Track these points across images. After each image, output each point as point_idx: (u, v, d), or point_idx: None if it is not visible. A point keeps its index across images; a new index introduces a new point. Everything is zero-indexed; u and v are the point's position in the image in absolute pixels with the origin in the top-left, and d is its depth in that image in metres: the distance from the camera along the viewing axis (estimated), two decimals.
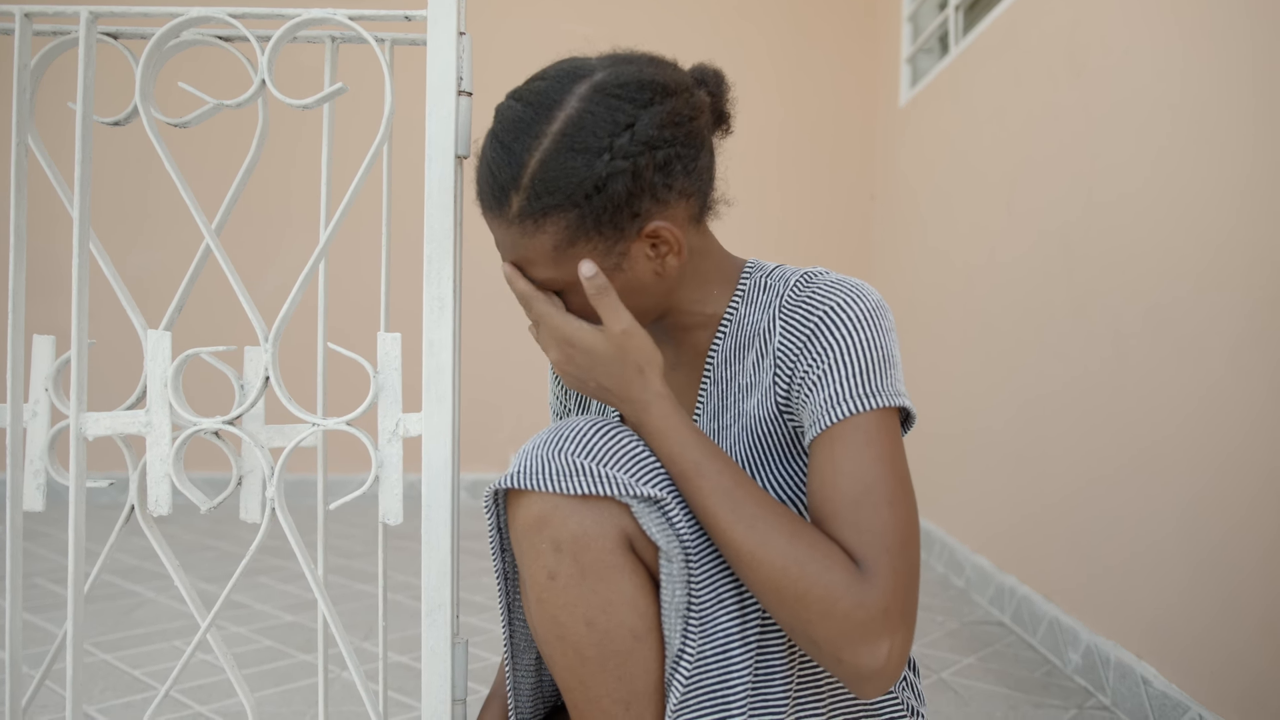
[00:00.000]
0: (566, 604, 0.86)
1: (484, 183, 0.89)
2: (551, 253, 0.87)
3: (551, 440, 0.88)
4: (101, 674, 1.86)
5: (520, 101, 0.88)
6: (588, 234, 0.86)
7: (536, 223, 0.86)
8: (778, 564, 0.82)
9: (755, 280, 0.99)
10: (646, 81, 0.87)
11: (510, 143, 0.86)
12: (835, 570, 0.81)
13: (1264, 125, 1.40)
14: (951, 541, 2.76)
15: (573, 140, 0.84)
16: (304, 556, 0.92)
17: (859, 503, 0.84)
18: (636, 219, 0.86)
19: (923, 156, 3.28)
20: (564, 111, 0.85)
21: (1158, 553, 1.64)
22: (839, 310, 0.90)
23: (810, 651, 0.83)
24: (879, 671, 0.80)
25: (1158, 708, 1.59)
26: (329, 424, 0.92)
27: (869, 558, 0.82)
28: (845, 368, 0.88)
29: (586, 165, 0.84)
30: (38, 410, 0.95)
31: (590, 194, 0.84)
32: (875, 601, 0.80)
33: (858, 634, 0.80)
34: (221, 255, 0.91)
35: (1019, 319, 2.32)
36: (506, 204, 0.87)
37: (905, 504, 0.85)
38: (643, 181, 0.85)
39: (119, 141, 3.92)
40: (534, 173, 0.85)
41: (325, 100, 0.92)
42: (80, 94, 0.89)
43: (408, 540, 3.10)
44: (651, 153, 0.85)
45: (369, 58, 3.58)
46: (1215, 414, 1.49)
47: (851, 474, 0.85)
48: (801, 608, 0.81)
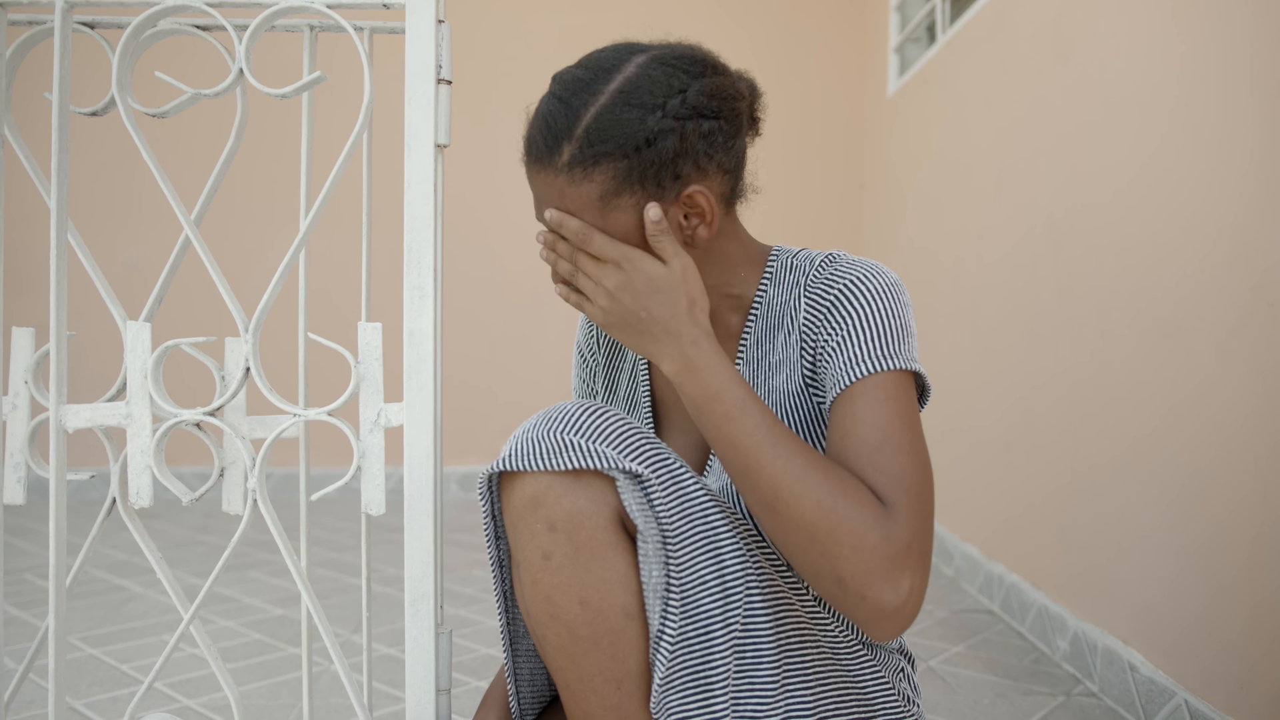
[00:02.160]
0: (561, 584, 0.87)
1: (537, 133, 0.92)
2: (597, 202, 0.91)
3: (541, 422, 0.90)
4: (89, 668, 1.85)
5: (580, 67, 0.93)
6: (632, 186, 0.90)
7: (586, 171, 0.90)
8: (813, 498, 0.84)
9: (782, 262, 1.03)
10: (699, 58, 0.93)
11: (568, 98, 0.90)
12: (866, 505, 0.84)
13: (1253, 115, 1.40)
14: (941, 530, 2.76)
15: (629, 96, 0.89)
16: (286, 547, 0.91)
17: (879, 449, 0.87)
18: (677, 181, 0.91)
19: (911, 146, 3.28)
20: (623, 74, 0.90)
21: (1145, 541, 1.65)
22: (859, 283, 0.95)
23: (833, 592, 0.84)
24: (899, 608, 0.82)
25: (1144, 694, 1.59)
26: (310, 414, 0.91)
27: (891, 497, 0.85)
28: (864, 333, 0.92)
29: (640, 119, 0.88)
30: (17, 403, 0.94)
31: (641, 147, 0.88)
32: (900, 536, 0.83)
33: (884, 568, 0.82)
34: (200, 245, 0.90)
35: (1008, 308, 2.33)
36: (558, 152, 0.90)
37: (921, 454, 0.88)
38: (688, 145, 0.90)
39: (103, 134, 3.90)
40: (589, 123, 0.89)
41: (304, 89, 0.91)
42: (56, 84, 0.89)
43: (394, 533, 3.10)
44: (699, 120, 0.90)
45: (349, 47, 3.57)
46: (1203, 404, 1.49)
47: (871, 423, 0.88)
48: (833, 542, 0.82)
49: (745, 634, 0.93)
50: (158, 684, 1.75)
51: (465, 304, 3.95)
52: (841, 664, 0.99)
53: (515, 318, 4.03)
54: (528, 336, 4.03)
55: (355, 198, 3.57)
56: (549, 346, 3.98)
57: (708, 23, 4.02)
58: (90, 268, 0.94)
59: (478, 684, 1.78)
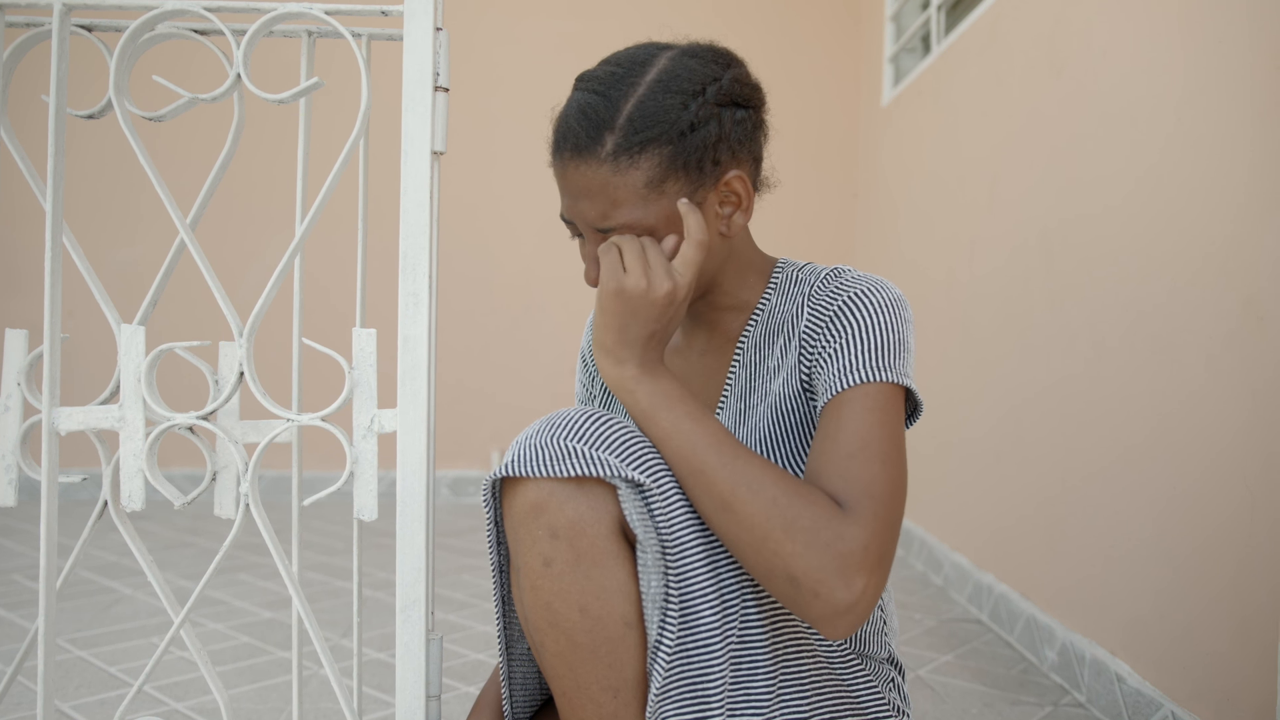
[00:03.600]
0: (561, 591, 0.87)
1: (574, 125, 0.93)
2: (643, 189, 0.92)
3: (544, 427, 0.90)
4: (77, 670, 1.85)
5: (609, 64, 0.95)
6: (676, 173, 0.92)
7: (632, 158, 0.91)
8: (768, 495, 0.84)
9: (788, 274, 1.05)
10: (723, 51, 0.97)
11: (606, 90, 0.92)
12: (821, 505, 0.84)
13: (1247, 129, 1.41)
14: (930, 539, 2.77)
15: (669, 85, 0.91)
16: (278, 551, 0.91)
17: (853, 455, 0.88)
18: (717, 167, 0.93)
19: (905, 156, 3.29)
20: (656, 66, 0.93)
21: (1134, 553, 1.66)
22: (862, 295, 0.96)
23: (786, 591, 0.84)
24: (852, 606, 0.82)
25: (1131, 705, 1.60)
26: (304, 419, 0.91)
27: (853, 500, 0.85)
28: (860, 343, 0.93)
29: (682, 105, 0.91)
30: (10, 405, 0.94)
31: (685, 132, 0.91)
32: (856, 536, 0.83)
33: (838, 565, 0.82)
34: (195, 249, 0.90)
35: (1000, 319, 2.34)
36: (600, 142, 0.91)
37: (896, 465, 0.88)
38: (725, 131, 0.92)
39: (100, 137, 3.89)
40: (631, 112, 0.91)
41: (301, 95, 0.92)
42: (53, 87, 0.89)
43: (387, 538, 3.09)
44: (734, 108, 0.93)
45: (347, 53, 3.57)
46: (1193, 417, 1.50)
47: (851, 430, 0.89)
48: (787, 539, 0.83)
49: (741, 645, 0.93)
50: (146, 687, 1.75)
51: (459, 307, 3.95)
52: (836, 674, 1.00)
53: (509, 321, 4.03)
54: (522, 340, 4.04)
55: (351, 202, 3.57)
56: (543, 349, 3.99)
57: (703, 29, 3.99)
58: (85, 270, 0.94)
59: (468, 689, 1.78)
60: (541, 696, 1.07)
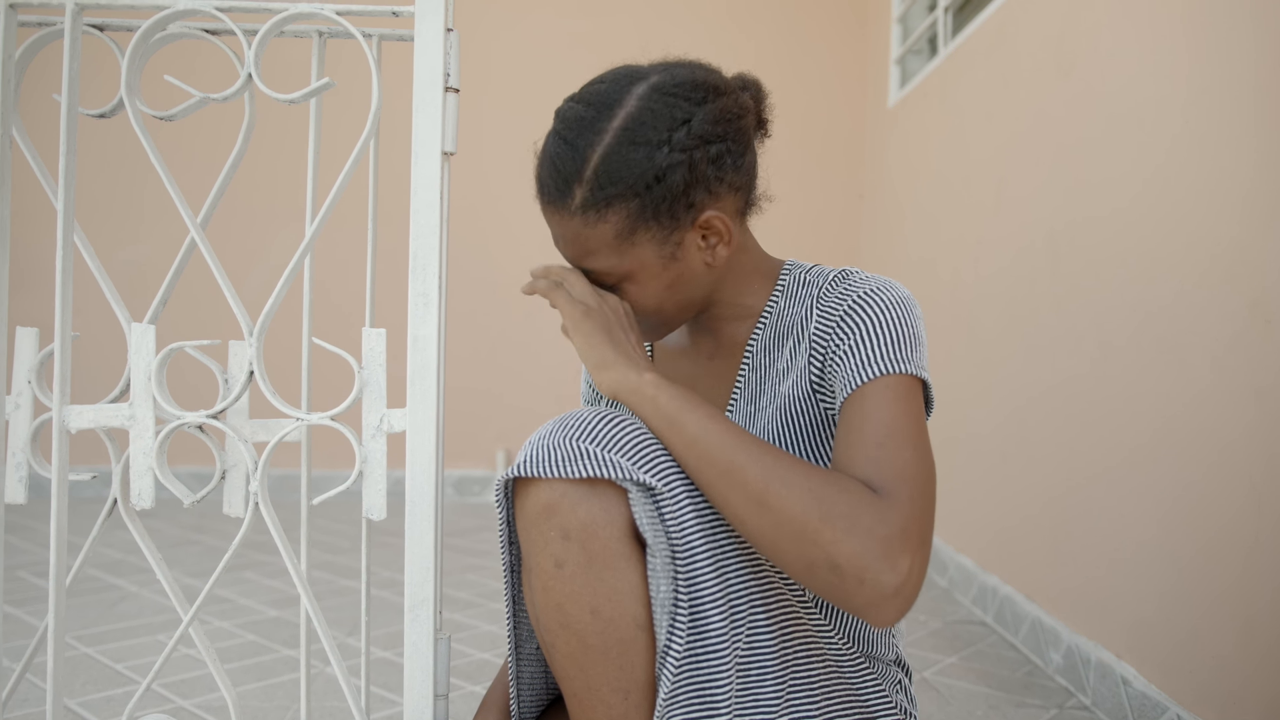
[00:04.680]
0: (572, 593, 0.87)
1: (547, 177, 0.94)
2: (613, 241, 0.92)
3: (557, 429, 0.90)
4: (83, 667, 1.85)
5: (581, 103, 0.93)
6: (647, 223, 0.91)
7: (599, 212, 0.91)
8: (804, 486, 0.84)
9: (795, 276, 1.04)
10: (699, 82, 0.93)
11: (573, 139, 0.91)
12: (856, 492, 0.84)
13: (1254, 132, 1.41)
14: (935, 541, 2.77)
15: (634, 134, 0.90)
16: (287, 550, 0.91)
17: (882, 444, 0.87)
18: (691, 209, 0.92)
19: (911, 157, 3.29)
20: (624, 109, 0.91)
21: (1140, 555, 1.65)
22: (872, 294, 0.96)
23: (829, 581, 0.82)
24: (899, 589, 0.81)
25: (1137, 708, 1.60)
26: (313, 419, 0.91)
27: (888, 485, 0.85)
28: (875, 339, 0.93)
29: (647, 157, 0.89)
30: (20, 403, 0.95)
31: (651, 184, 0.90)
32: (896, 519, 0.83)
33: (881, 549, 0.81)
34: (206, 248, 0.90)
35: (1005, 320, 2.33)
36: (570, 196, 0.92)
37: (925, 451, 0.89)
38: (698, 174, 0.91)
39: (107, 136, 3.90)
40: (597, 165, 0.90)
41: (312, 95, 0.92)
42: (65, 86, 0.89)
43: (393, 537, 3.10)
44: (706, 147, 0.91)
45: (357, 53, 3.58)
46: (1199, 418, 1.50)
47: (876, 420, 0.89)
48: (827, 527, 0.82)
49: (749, 650, 0.93)
50: (152, 684, 1.75)
51: (464, 308, 3.95)
52: (844, 677, 1.00)
53: (513, 322, 4.04)
54: (526, 341, 4.04)
55: (359, 202, 3.57)
56: (547, 351, 3.99)
57: (712, 30, 4.03)
58: (95, 269, 0.95)
59: (473, 689, 1.79)
60: (548, 697, 1.07)
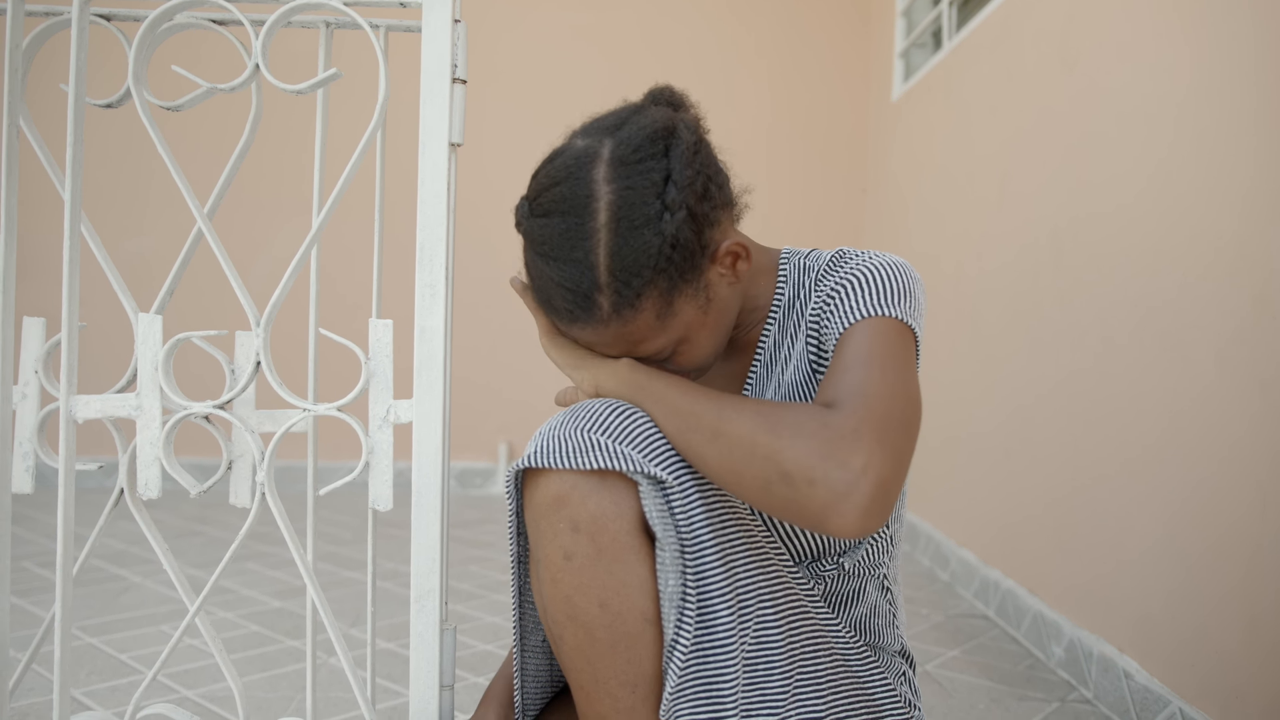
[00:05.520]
0: (581, 585, 0.87)
1: (562, 302, 0.91)
2: (656, 322, 0.90)
3: (568, 420, 0.90)
4: (88, 658, 1.86)
5: (550, 215, 0.90)
6: (679, 289, 0.90)
7: (634, 306, 0.89)
8: (752, 409, 0.85)
9: (794, 264, 1.04)
10: (651, 133, 0.90)
11: (569, 254, 0.88)
12: (806, 409, 0.84)
13: (1258, 123, 1.41)
14: (937, 535, 2.77)
15: (629, 220, 0.87)
16: (293, 540, 0.92)
17: (849, 369, 0.87)
18: (706, 250, 0.91)
19: (915, 152, 3.28)
20: (601, 201, 0.87)
21: (1144, 550, 1.66)
22: (865, 263, 0.96)
23: (784, 494, 0.80)
24: (852, 486, 0.77)
25: (1139, 702, 1.60)
26: (320, 409, 0.92)
27: (841, 399, 0.84)
28: (864, 288, 0.93)
29: (656, 233, 0.87)
30: (27, 392, 0.95)
31: (669, 255, 0.87)
32: (844, 422, 0.81)
33: (825, 448, 0.79)
34: (213, 238, 0.90)
35: (1009, 315, 2.33)
36: (597, 307, 0.89)
37: (896, 373, 0.87)
38: (699, 217, 0.89)
39: (114, 126, 3.90)
40: (610, 266, 0.87)
41: (319, 85, 0.92)
42: (73, 76, 0.89)
43: (396, 529, 3.10)
44: (693, 189, 0.89)
45: (364, 45, 3.57)
46: (1204, 414, 1.50)
47: (851, 352, 0.89)
48: (773, 438, 0.81)
49: (756, 645, 0.93)
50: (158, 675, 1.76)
51: (466, 300, 3.95)
52: (851, 670, 1.00)
53: (515, 315, 4.03)
54: (528, 334, 4.03)
55: (366, 193, 3.57)
56: None
57: (714, 24, 4.02)
58: (102, 259, 0.95)
59: (476, 680, 1.79)
60: (552, 689, 1.07)
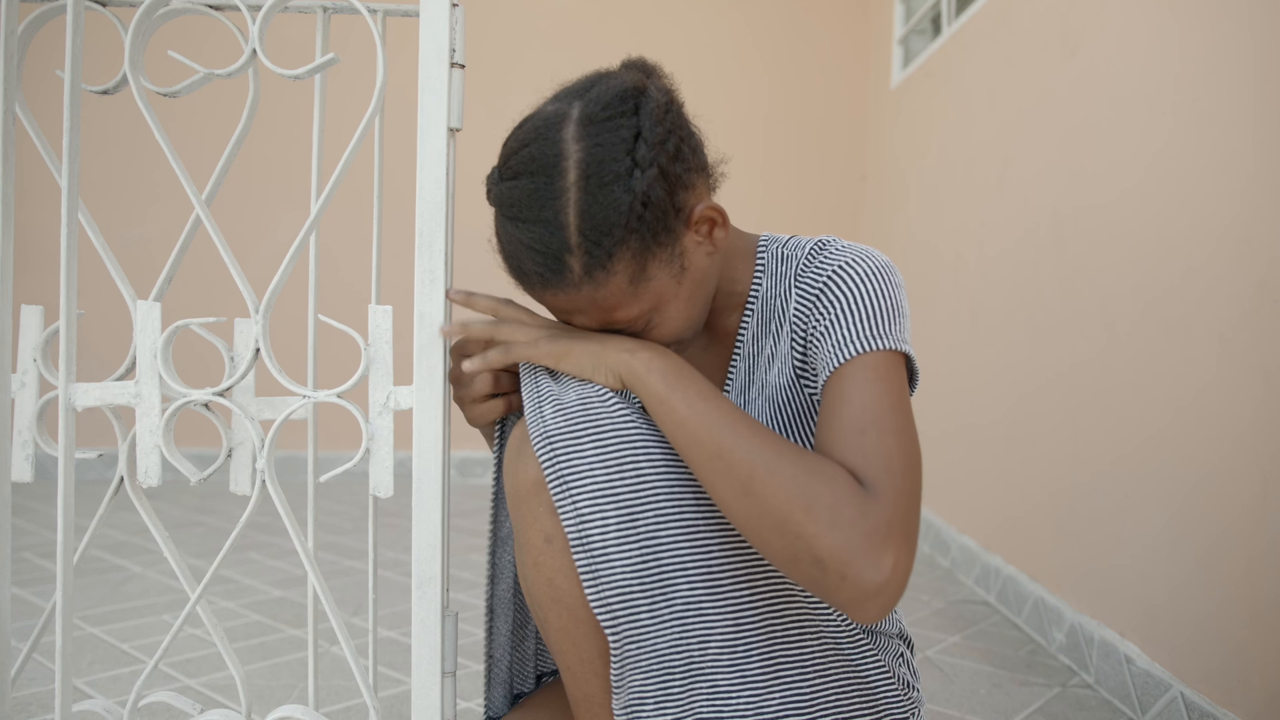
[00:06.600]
0: (562, 567, 0.87)
1: (531, 265, 0.88)
2: (629, 287, 0.87)
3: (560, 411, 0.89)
4: (89, 647, 1.86)
5: (519, 177, 0.87)
6: (652, 251, 0.86)
7: (606, 268, 0.86)
8: (788, 474, 0.81)
9: (772, 252, 1.01)
10: (620, 91, 0.87)
11: (538, 215, 0.85)
12: (842, 483, 0.81)
13: (1260, 109, 1.40)
14: (938, 521, 2.77)
15: (599, 176, 0.84)
16: (294, 527, 0.92)
17: (864, 431, 0.84)
18: (680, 214, 0.88)
19: (914, 139, 3.27)
20: (570, 159, 0.84)
21: (1145, 535, 1.66)
22: (848, 267, 0.93)
23: (812, 574, 0.80)
24: (883, 586, 0.78)
25: (1140, 686, 1.60)
26: (320, 396, 0.91)
27: (872, 476, 0.82)
28: (854, 314, 0.90)
29: (625, 189, 0.84)
30: (26, 381, 0.95)
31: (640, 213, 0.84)
32: (880, 513, 0.80)
33: (864, 545, 0.78)
34: (211, 225, 0.90)
35: (1010, 303, 2.33)
36: (568, 270, 0.86)
37: (909, 435, 0.86)
38: (671, 177, 0.86)
39: (106, 112, 3.89)
40: (580, 225, 0.84)
41: (317, 71, 0.91)
42: (68, 61, 0.88)
43: (397, 518, 3.10)
44: (664, 148, 0.86)
45: (362, 30, 3.56)
46: (1207, 400, 1.50)
47: (859, 404, 0.86)
48: (810, 520, 0.79)
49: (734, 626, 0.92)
50: (160, 664, 1.76)
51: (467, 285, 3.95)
52: (841, 652, 0.99)
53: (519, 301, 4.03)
54: None
55: (366, 180, 3.56)
56: None
57: (711, 11, 4.01)
58: (100, 246, 0.94)
59: (478, 668, 1.79)
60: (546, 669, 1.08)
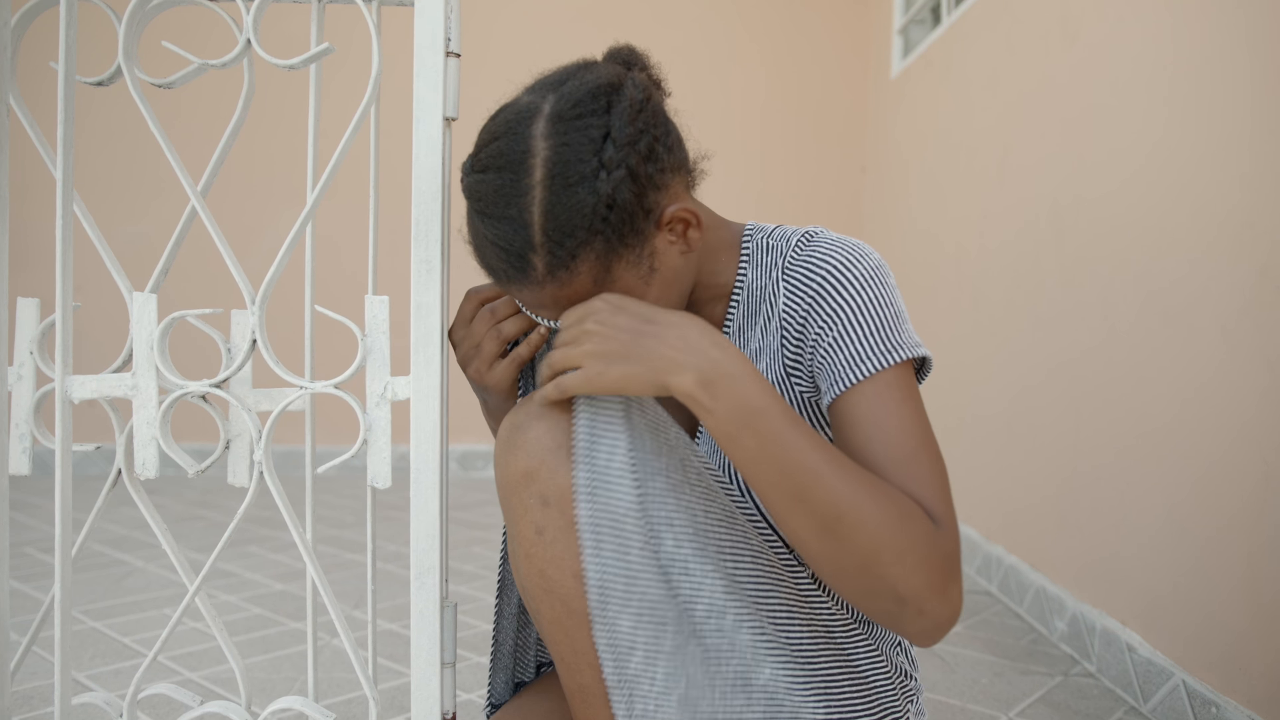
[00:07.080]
0: (554, 558, 0.87)
1: (496, 260, 0.87)
2: (593, 288, 0.87)
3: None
4: (90, 641, 1.86)
5: (487, 171, 0.86)
6: (617, 252, 0.86)
7: (569, 268, 0.85)
8: (876, 517, 0.80)
9: (757, 242, 0.99)
10: (593, 88, 0.86)
11: (503, 211, 0.85)
12: (921, 522, 0.82)
13: (1261, 97, 1.39)
14: None
15: (564, 176, 0.83)
16: (292, 519, 0.91)
17: (913, 458, 0.85)
18: (650, 215, 0.86)
19: (914, 129, 3.27)
20: (538, 157, 0.84)
21: (1147, 525, 1.65)
22: (842, 271, 0.91)
23: (889, 609, 0.81)
24: (951, 617, 0.82)
25: (1142, 674, 1.60)
26: (317, 387, 0.91)
27: (937, 509, 0.84)
28: (861, 327, 0.89)
29: (590, 191, 0.83)
30: (23, 373, 0.94)
31: (605, 215, 0.83)
32: (946, 545, 0.82)
33: (939, 580, 0.81)
34: (207, 216, 0.90)
35: (1011, 293, 2.32)
36: (531, 267, 0.85)
37: (939, 453, 0.88)
38: (641, 179, 0.85)
39: (101, 105, 3.88)
40: (543, 224, 0.83)
41: (312, 61, 0.91)
42: (62, 53, 0.88)
43: (396, 510, 3.10)
44: (635, 148, 0.84)
45: (357, 19, 3.54)
46: (1209, 390, 1.49)
47: (897, 428, 0.86)
48: (898, 562, 0.80)
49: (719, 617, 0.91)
50: (160, 657, 1.76)
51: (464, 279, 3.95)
52: (836, 643, 0.99)
53: None
54: None
55: (361, 170, 3.55)
56: None
57: (710, 2, 3.99)
58: (95, 238, 0.94)
59: (479, 660, 1.79)
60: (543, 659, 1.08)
